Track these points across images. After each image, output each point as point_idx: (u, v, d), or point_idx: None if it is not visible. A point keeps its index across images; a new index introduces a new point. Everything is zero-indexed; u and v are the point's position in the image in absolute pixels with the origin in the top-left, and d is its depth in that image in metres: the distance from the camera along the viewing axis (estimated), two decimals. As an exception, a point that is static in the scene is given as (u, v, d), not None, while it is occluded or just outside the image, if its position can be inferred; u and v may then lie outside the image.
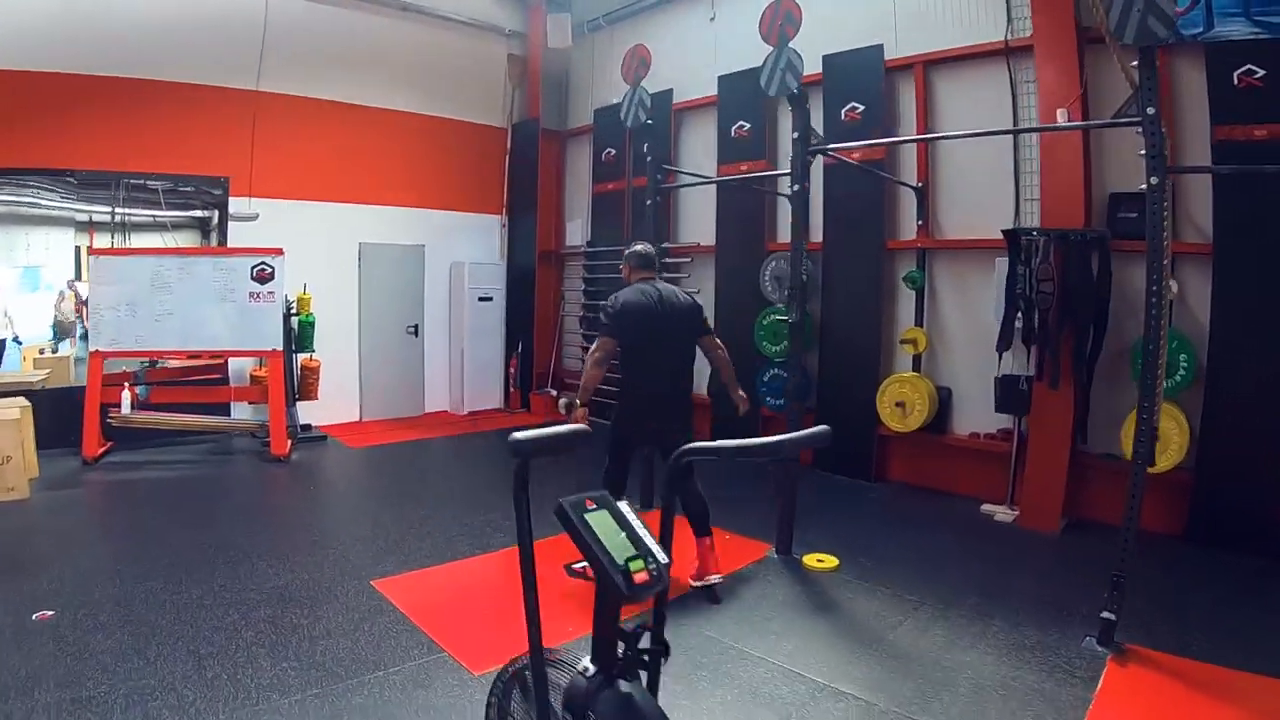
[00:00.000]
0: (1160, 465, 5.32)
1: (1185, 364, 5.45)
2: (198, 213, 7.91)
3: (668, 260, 8.33)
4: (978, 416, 6.51)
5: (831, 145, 5.03)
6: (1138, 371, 5.50)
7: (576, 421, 4.10)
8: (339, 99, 8.58)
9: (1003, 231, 5.84)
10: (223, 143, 7.84)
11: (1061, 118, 5.68)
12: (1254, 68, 5.12)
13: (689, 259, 8.34)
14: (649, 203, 5.71)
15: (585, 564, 1.62)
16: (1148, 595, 4.26)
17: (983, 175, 6.46)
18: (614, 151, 9.26)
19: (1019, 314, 5.82)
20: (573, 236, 10.14)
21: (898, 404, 6.51)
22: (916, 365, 6.72)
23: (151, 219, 7.65)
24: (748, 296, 7.64)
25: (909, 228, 6.82)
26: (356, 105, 8.72)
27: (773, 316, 7.24)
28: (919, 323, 6.70)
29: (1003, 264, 6.12)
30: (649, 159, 5.77)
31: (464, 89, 9.67)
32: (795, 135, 4.80)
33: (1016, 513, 5.93)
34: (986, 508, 6.13)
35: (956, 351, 6.64)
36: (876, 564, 4.89)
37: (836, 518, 5.88)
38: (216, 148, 7.80)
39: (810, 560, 4.90)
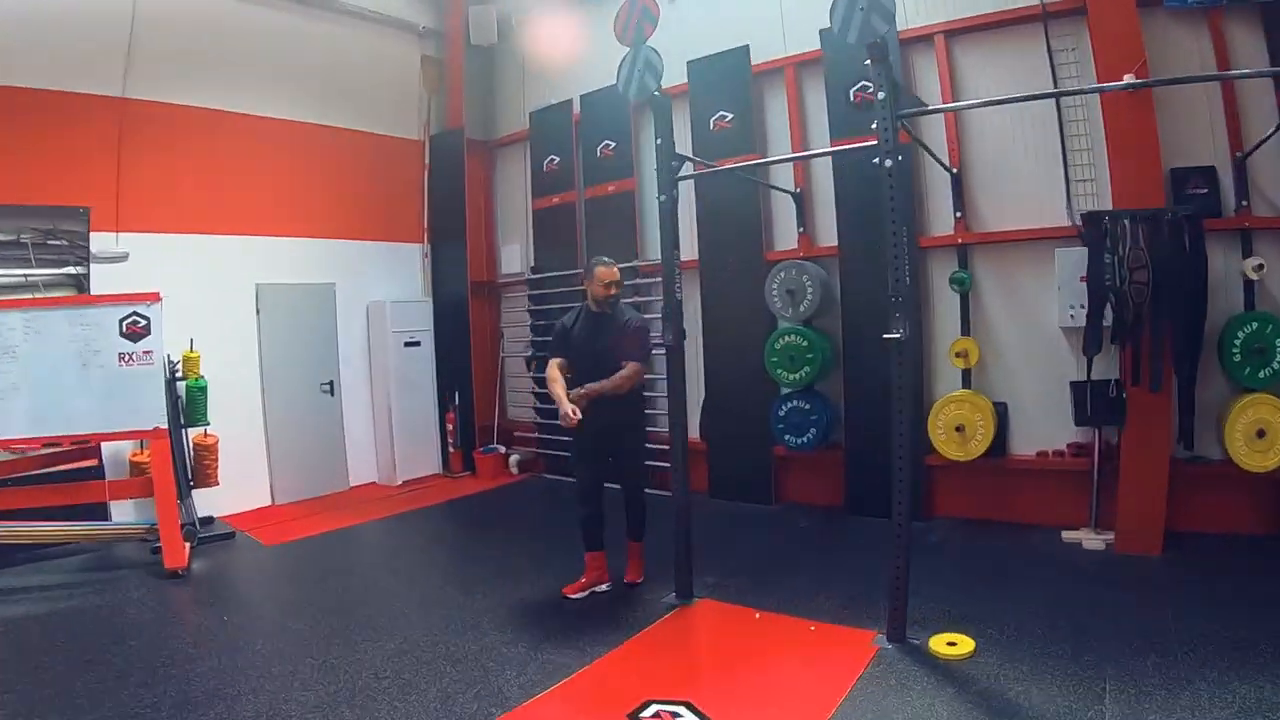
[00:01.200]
0: (1266, 464, 4.74)
1: (1283, 350, 4.78)
2: (71, 269, 6.05)
3: (638, 281, 7.14)
4: (1040, 432, 5.65)
5: (932, 108, 3.96)
6: (1231, 361, 4.90)
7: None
8: (226, 108, 6.92)
9: (1083, 215, 5.05)
10: (80, 164, 6.04)
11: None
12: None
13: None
14: (662, 198, 4.46)
15: None
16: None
17: (1024, 158, 5.65)
18: (557, 159, 7.94)
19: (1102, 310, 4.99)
20: (509, 263, 8.72)
21: (957, 428, 5.47)
22: (967, 381, 5.72)
23: (23, 279, 5.78)
24: (749, 316, 6.50)
25: (943, 222, 5.85)
26: (246, 115, 7.07)
27: (789, 338, 6.11)
28: (965, 332, 5.71)
29: (1065, 255, 5.35)
30: (658, 142, 4.52)
31: (372, 96, 8.14)
32: (881, 95, 3.69)
33: (1109, 537, 5.11)
34: (1069, 535, 5.29)
35: (1010, 361, 5.70)
36: (1012, 634, 3.86)
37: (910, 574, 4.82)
38: (72, 170, 6.00)
39: (939, 646, 3.73)
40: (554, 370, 4.48)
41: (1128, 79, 4.85)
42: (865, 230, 5.91)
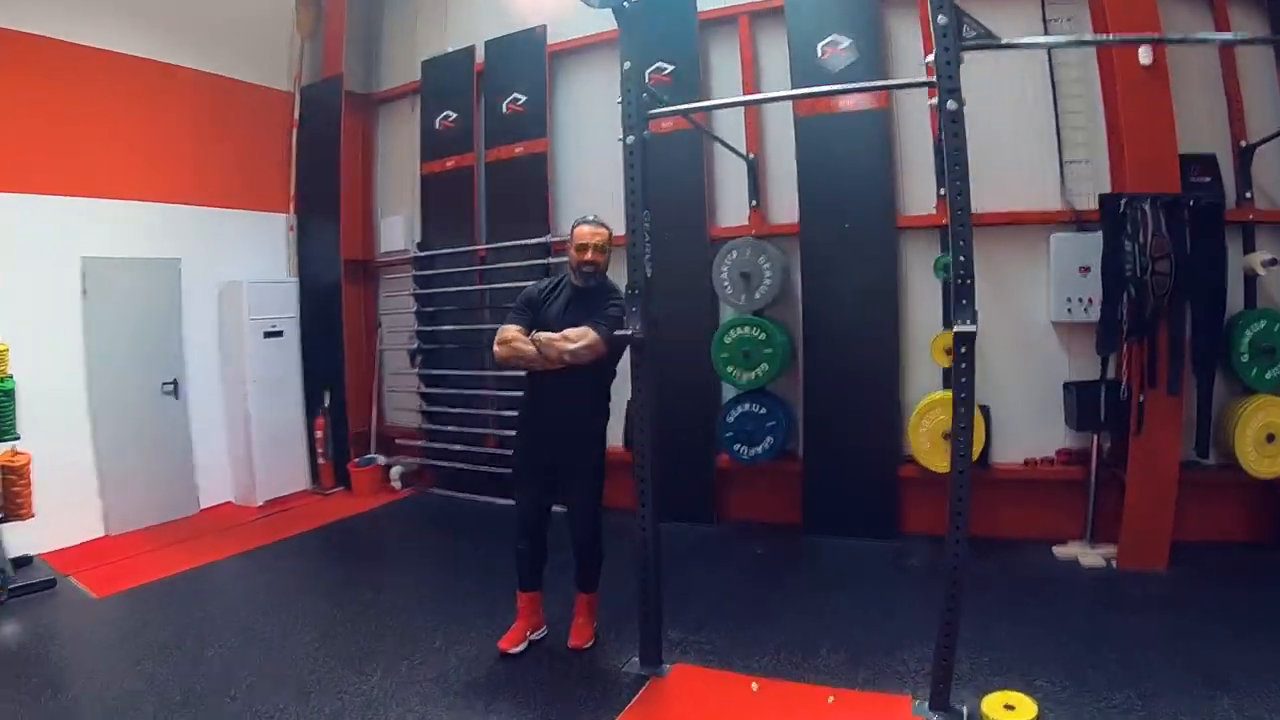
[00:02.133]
0: (1277, 469, 4.40)
1: (1290, 350, 4.45)
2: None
3: (550, 261, 6.06)
4: (1027, 438, 5.05)
5: (1004, 42, 3.12)
6: (1239, 361, 4.43)
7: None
8: (49, 34, 5.30)
9: (1101, 197, 4.50)
10: None
11: (1144, 57, 4.40)
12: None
13: (585, 256, 6.03)
14: (628, 139, 3.42)
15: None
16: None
17: (1013, 134, 5.02)
18: (454, 116, 6.70)
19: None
20: (391, 238, 7.34)
21: (945, 436, 4.76)
22: (947, 381, 5.03)
23: None
24: (687, 303, 5.54)
25: (923, 200, 5.13)
26: (78, 45, 5.46)
27: (743, 329, 5.22)
28: (948, 325, 5.01)
29: (1062, 242, 4.81)
30: (626, 65, 3.49)
31: (235, 35, 6.59)
32: (941, 20, 2.84)
33: (1108, 552, 4.64)
34: (1062, 552, 4.77)
35: (994, 359, 5.00)
36: (1065, 683, 3.24)
37: (904, 605, 4.14)
38: None
39: (995, 711, 2.99)
40: (514, 331, 3.51)
41: (1144, 51, 4.38)
42: (834, 205, 5.16)
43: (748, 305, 5.24)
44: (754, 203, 5.50)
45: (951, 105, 2.85)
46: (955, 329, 2.84)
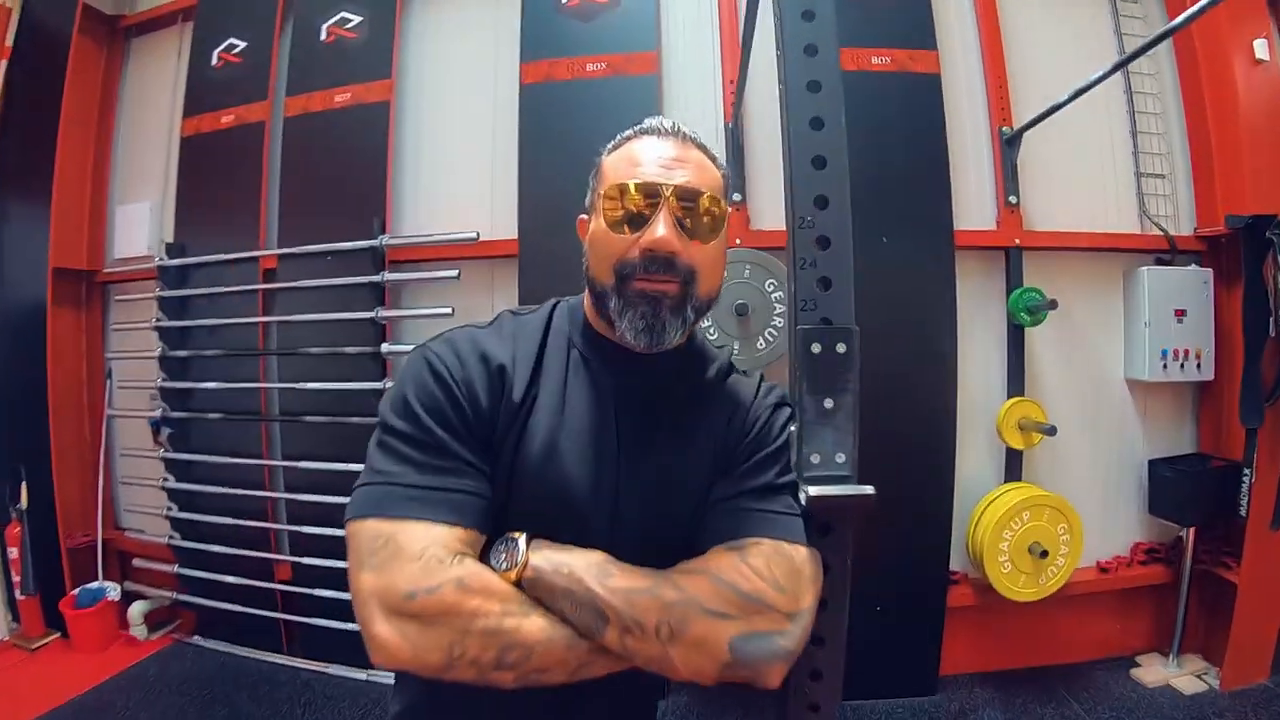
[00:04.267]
0: None
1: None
2: None
3: (389, 278, 3.87)
4: (1092, 532, 3.68)
5: None
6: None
7: None
8: None
9: (1244, 222, 3.37)
10: None
11: (1260, 50, 3.53)
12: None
13: (454, 272, 3.63)
14: None
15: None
16: None
17: (1077, 138, 3.82)
18: (242, 46, 4.29)
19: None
20: (129, 238, 4.63)
21: (1039, 552, 3.41)
22: (1014, 469, 3.70)
23: None
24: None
25: (978, 210, 3.75)
26: None
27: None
28: (1019, 389, 3.68)
29: (1158, 278, 3.64)
30: None
31: None
32: None
33: (1200, 668, 3.65)
34: (1148, 675, 3.62)
35: (1063, 432, 3.73)
36: None
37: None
38: None
39: None
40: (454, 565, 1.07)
41: (1261, 44, 3.48)
42: (864, 210, 3.60)
43: (746, 357, 3.56)
44: (736, 197, 3.81)
45: None
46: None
